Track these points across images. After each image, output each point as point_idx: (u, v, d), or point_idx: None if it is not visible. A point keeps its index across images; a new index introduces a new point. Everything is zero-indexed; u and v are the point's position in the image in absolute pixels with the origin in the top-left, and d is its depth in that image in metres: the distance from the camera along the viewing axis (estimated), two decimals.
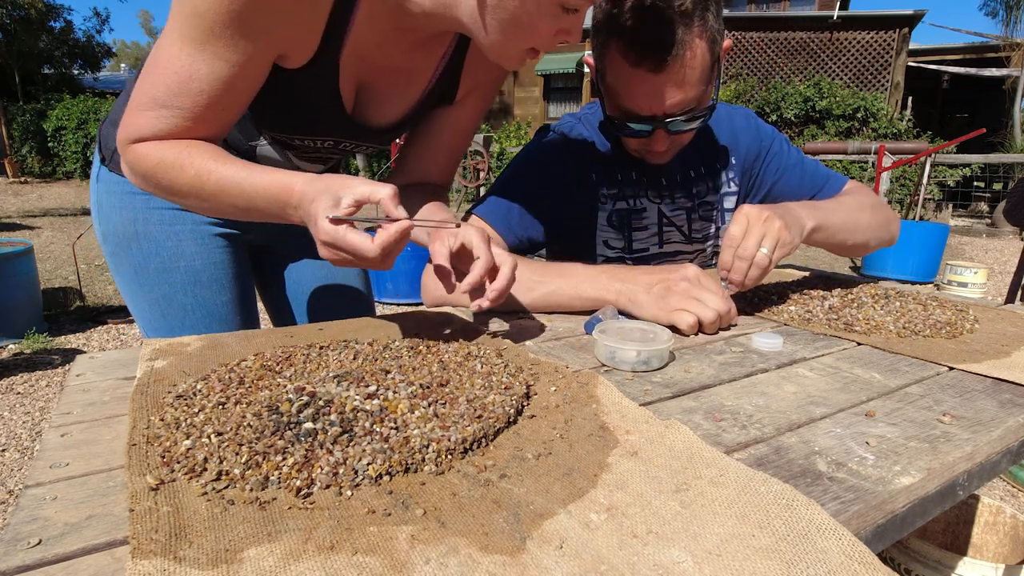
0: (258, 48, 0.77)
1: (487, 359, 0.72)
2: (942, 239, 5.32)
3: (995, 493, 2.28)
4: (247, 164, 0.79)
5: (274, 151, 1.03)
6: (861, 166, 8.91)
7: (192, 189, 0.80)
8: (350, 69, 0.88)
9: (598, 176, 1.21)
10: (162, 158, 0.79)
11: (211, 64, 0.75)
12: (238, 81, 0.78)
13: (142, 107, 0.78)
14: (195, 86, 0.76)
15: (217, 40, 0.73)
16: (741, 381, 0.72)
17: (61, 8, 17.09)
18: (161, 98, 0.77)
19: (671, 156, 1.16)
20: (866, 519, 0.47)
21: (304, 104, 0.90)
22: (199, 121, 0.79)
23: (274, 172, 0.77)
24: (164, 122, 0.78)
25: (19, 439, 2.52)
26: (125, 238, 1.04)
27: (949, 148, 7.56)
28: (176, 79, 0.76)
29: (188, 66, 0.75)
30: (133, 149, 0.80)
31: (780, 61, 11.42)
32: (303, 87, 0.87)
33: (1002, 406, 0.66)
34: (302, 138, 0.98)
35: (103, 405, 0.64)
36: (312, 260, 1.27)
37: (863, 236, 1.16)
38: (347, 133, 0.98)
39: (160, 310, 1.07)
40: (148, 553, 0.39)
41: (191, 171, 0.78)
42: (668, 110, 1.01)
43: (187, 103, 0.77)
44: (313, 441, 0.51)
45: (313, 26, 0.80)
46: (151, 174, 0.81)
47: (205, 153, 0.79)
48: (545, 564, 0.39)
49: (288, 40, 0.80)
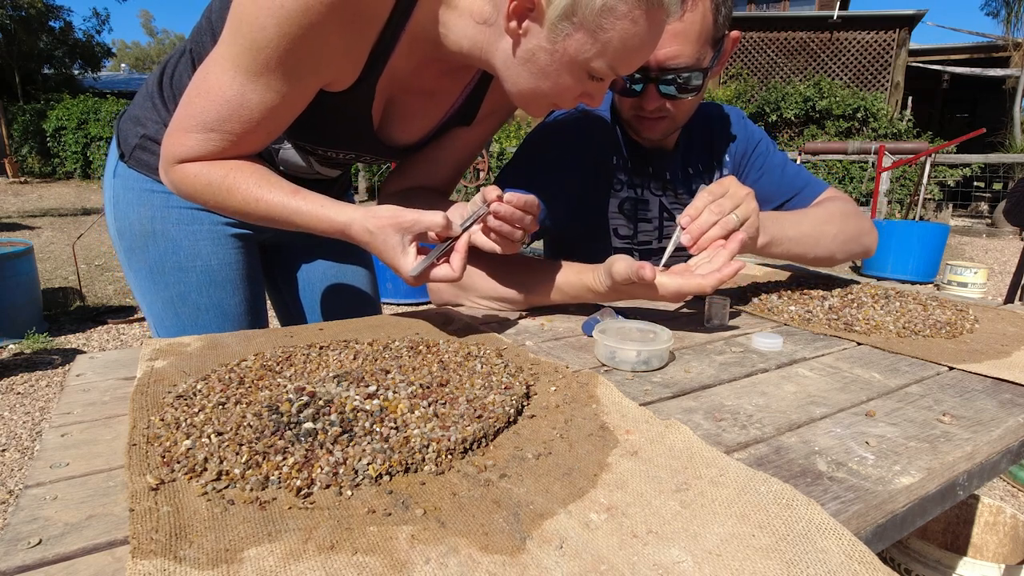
0: (308, 81, 0.80)
1: (487, 359, 0.72)
2: (942, 239, 5.32)
3: (995, 493, 2.27)
4: (290, 190, 0.83)
5: (296, 155, 1.04)
6: (861, 166, 8.92)
7: (241, 212, 0.84)
8: (383, 90, 0.91)
9: (616, 160, 1.20)
10: (209, 181, 0.83)
11: (263, 95, 0.78)
12: (286, 109, 0.81)
13: (190, 129, 0.81)
14: (245, 114, 0.79)
15: (271, 73, 0.76)
16: (741, 381, 0.72)
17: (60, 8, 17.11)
18: (210, 123, 0.80)
19: (664, 132, 1.14)
20: (866, 519, 0.47)
21: (334, 121, 0.93)
22: (244, 144, 0.83)
23: (321, 206, 0.81)
24: (211, 145, 0.81)
25: (19, 439, 2.52)
26: (142, 235, 1.05)
27: (949, 148, 7.57)
28: (228, 107, 0.78)
29: (240, 95, 0.77)
30: (180, 169, 0.83)
31: (780, 61, 11.42)
32: (337, 107, 0.89)
33: (1002, 406, 0.66)
34: (325, 149, 1.00)
35: (103, 405, 0.64)
36: (322, 259, 1.28)
37: (826, 249, 1.12)
38: (370, 148, 1.01)
39: (174, 309, 1.08)
40: (148, 553, 0.39)
41: (239, 196, 0.82)
42: (662, 60, 0.99)
43: (236, 128, 0.80)
44: (313, 441, 0.51)
45: (359, 59, 0.83)
46: (199, 195, 0.84)
47: (250, 177, 0.82)
48: (545, 564, 0.39)
49: (336, 72, 0.83)
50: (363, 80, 0.85)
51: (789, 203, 1.27)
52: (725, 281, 0.84)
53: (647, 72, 1.01)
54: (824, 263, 1.17)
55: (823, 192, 1.27)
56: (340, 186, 1.25)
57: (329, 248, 1.27)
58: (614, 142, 1.21)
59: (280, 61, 0.75)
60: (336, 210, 0.81)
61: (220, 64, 0.77)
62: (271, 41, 0.72)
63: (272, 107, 0.79)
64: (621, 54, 0.77)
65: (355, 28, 0.77)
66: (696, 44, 0.99)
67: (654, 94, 1.05)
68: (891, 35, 10.89)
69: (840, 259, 1.17)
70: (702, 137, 1.27)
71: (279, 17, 0.71)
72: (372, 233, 0.78)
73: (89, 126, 13.17)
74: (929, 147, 7.33)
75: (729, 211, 0.89)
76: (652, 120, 1.10)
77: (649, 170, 1.23)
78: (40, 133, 13.78)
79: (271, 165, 1.04)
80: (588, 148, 1.18)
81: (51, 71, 17.29)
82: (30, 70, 16.27)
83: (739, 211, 0.89)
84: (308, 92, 0.82)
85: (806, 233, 1.09)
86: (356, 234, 0.79)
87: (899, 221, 5.82)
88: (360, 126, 0.94)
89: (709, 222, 0.88)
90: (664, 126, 1.12)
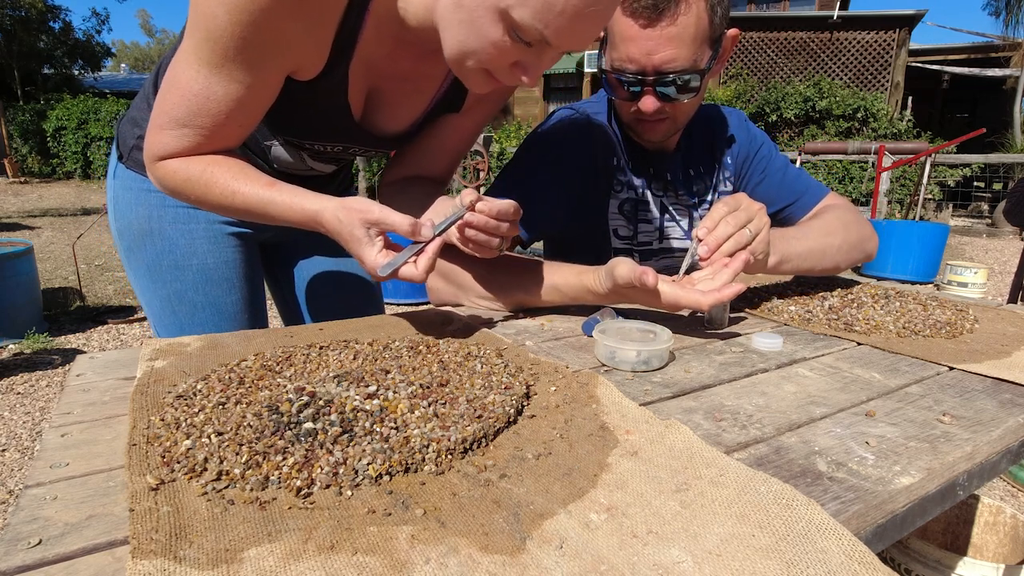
0: (270, 68, 0.80)
1: (487, 359, 0.72)
2: (942, 239, 5.32)
3: (995, 493, 2.27)
4: (267, 183, 0.83)
5: (287, 152, 1.04)
6: (861, 166, 8.91)
7: (221, 206, 0.85)
8: (359, 78, 0.90)
9: (616, 161, 1.21)
10: (188, 177, 0.84)
11: (227, 86, 0.78)
12: (253, 99, 0.81)
13: (164, 127, 0.81)
14: (213, 107, 0.79)
15: (231, 63, 0.76)
16: (741, 381, 0.72)
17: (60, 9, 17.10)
18: (181, 118, 0.80)
19: (665, 134, 1.15)
20: (866, 519, 0.47)
21: (313, 112, 0.92)
22: (218, 137, 0.83)
23: (294, 196, 0.82)
24: (186, 140, 0.82)
25: (19, 439, 2.52)
26: (140, 235, 1.06)
27: (949, 148, 7.57)
28: (195, 101, 0.79)
29: (205, 88, 0.78)
30: (161, 166, 0.84)
31: (780, 61, 11.42)
32: (312, 97, 0.88)
33: (1002, 406, 0.66)
34: (311, 143, 1.00)
35: (103, 405, 0.64)
36: (324, 257, 1.28)
37: (831, 261, 1.14)
38: (356, 139, 1.00)
39: (171, 307, 1.09)
40: (148, 553, 0.39)
41: (217, 190, 0.83)
42: (658, 65, 1.00)
43: (207, 122, 0.80)
44: (313, 441, 0.51)
45: (322, 44, 0.82)
46: (180, 190, 0.85)
47: (227, 171, 0.83)
48: (545, 564, 0.39)
49: (299, 58, 0.82)
50: (333, 67, 0.85)
51: (790, 208, 1.28)
52: (723, 302, 0.85)
53: (644, 76, 1.02)
54: (829, 273, 1.19)
55: (823, 197, 1.28)
56: (340, 185, 1.25)
57: (331, 247, 1.27)
58: (613, 144, 1.21)
59: (238, 50, 0.74)
60: (310, 200, 0.81)
61: (185, 58, 0.77)
62: (225, 30, 0.72)
63: (238, 98, 0.79)
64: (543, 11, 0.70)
65: (310, 12, 0.77)
66: (692, 46, 0.99)
67: (652, 97, 1.05)
68: (891, 35, 10.89)
69: (844, 268, 1.18)
70: (703, 138, 1.27)
71: (228, 4, 0.71)
72: (341, 222, 0.78)
73: (89, 126, 13.17)
74: (929, 147, 7.33)
75: (743, 224, 0.90)
76: (652, 123, 1.11)
77: (650, 171, 1.23)
78: (40, 133, 13.77)
79: (264, 162, 1.05)
80: (587, 149, 1.18)
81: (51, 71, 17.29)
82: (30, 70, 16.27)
83: (752, 225, 0.90)
84: (273, 80, 0.82)
85: (812, 248, 1.10)
86: (326, 222, 0.79)
87: (899, 221, 5.82)
88: (338, 115, 0.93)
89: (726, 234, 0.88)
90: (664, 128, 1.13)
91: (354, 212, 0.77)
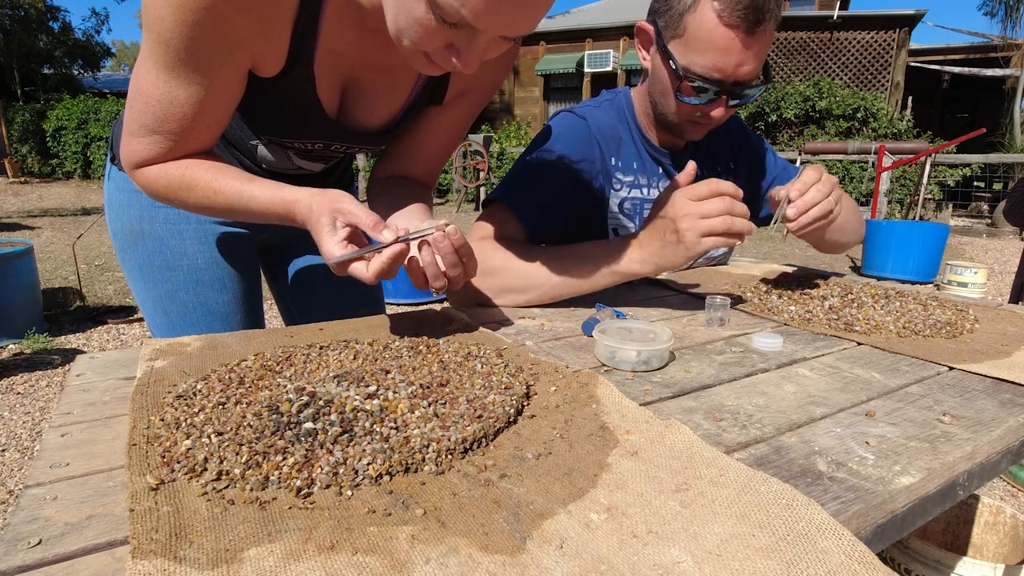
0: (227, 67, 0.79)
1: (487, 359, 0.72)
2: (942, 239, 5.29)
3: (995, 493, 2.27)
4: (247, 179, 0.83)
5: (272, 152, 1.04)
6: (861, 166, 8.92)
7: (205, 207, 0.85)
8: (329, 72, 0.88)
9: (617, 161, 1.22)
10: (169, 182, 0.84)
11: (187, 89, 0.77)
12: (216, 99, 0.81)
13: (135, 134, 0.81)
14: (178, 111, 0.79)
15: (185, 65, 0.75)
16: (741, 381, 0.72)
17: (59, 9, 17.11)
18: (150, 125, 0.80)
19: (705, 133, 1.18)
20: (866, 519, 0.47)
21: (285, 109, 0.91)
22: (190, 139, 0.83)
23: (274, 189, 0.82)
24: (159, 146, 0.82)
25: (19, 439, 2.52)
26: (132, 235, 1.07)
27: (949, 148, 7.56)
28: (159, 106, 0.78)
29: (167, 93, 0.77)
30: (140, 174, 0.84)
31: (780, 61, 11.42)
32: (281, 94, 0.87)
33: (1002, 406, 0.66)
34: (291, 141, 0.99)
35: (103, 405, 0.64)
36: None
37: (847, 237, 1.26)
38: (334, 135, 0.98)
39: (162, 307, 1.09)
40: (148, 553, 0.39)
41: (199, 192, 0.83)
42: (741, 76, 1.02)
43: (175, 127, 0.80)
44: (313, 441, 0.51)
45: (277, 38, 0.81)
46: (163, 196, 0.86)
47: (207, 172, 0.83)
48: (545, 564, 0.39)
49: (255, 54, 0.81)
50: (295, 61, 0.84)
51: None
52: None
53: (723, 85, 1.04)
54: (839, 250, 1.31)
55: None
56: (338, 184, 1.24)
57: None
58: (617, 144, 1.23)
59: (189, 51, 0.74)
60: (288, 190, 0.81)
61: (143, 63, 0.77)
62: (173, 32, 0.72)
63: (200, 100, 0.79)
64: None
65: (258, 6, 0.76)
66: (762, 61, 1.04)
67: (725, 105, 1.08)
68: (891, 35, 10.89)
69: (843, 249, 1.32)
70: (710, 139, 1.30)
71: (173, 6, 0.70)
72: (311, 209, 0.78)
73: (89, 126, 13.18)
74: (929, 147, 7.32)
75: (829, 194, 0.97)
76: (704, 124, 1.14)
77: (659, 170, 1.26)
78: (40, 133, 13.78)
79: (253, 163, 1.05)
80: (588, 150, 1.19)
81: (51, 71, 17.29)
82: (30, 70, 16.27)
83: (833, 195, 0.98)
84: (233, 79, 0.81)
85: (845, 221, 1.21)
86: (300, 210, 0.79)
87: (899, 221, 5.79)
88: (310, 111, 0.91)
89: (815, 200, 0.95)
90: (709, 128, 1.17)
91: (326, 201, 0.77)
